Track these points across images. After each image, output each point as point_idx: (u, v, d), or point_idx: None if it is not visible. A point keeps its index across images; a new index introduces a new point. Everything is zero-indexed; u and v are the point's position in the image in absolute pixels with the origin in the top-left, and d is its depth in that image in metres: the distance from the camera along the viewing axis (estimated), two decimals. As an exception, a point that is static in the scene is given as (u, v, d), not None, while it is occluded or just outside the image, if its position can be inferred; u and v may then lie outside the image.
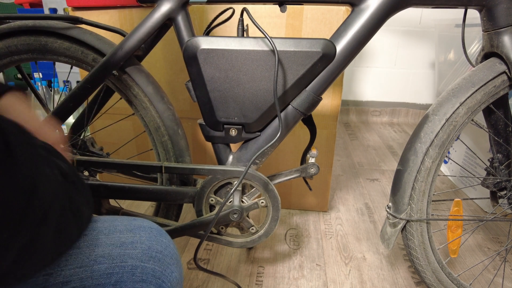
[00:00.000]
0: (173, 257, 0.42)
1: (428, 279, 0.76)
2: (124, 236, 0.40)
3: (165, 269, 0.39)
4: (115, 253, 0.38)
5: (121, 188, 0.75)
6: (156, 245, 0.40)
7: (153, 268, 0.38)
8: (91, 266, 0.36)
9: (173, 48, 1.08)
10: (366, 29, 0.65)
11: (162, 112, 0.75)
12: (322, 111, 1.10)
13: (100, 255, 0.37)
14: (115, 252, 0.38)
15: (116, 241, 0.39)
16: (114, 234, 0.39)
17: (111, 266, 0.37)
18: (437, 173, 0.71)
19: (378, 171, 1.59)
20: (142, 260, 0.38)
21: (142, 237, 0.40)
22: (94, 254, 0.37)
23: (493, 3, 0.64)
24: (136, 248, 0.39)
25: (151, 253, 0.39)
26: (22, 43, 0.75)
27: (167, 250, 0.41)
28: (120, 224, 0.41)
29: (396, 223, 0.73)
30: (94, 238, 0.38)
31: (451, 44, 1.70)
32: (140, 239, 0.40)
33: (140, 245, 0.39)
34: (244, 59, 0.65)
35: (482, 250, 1.06)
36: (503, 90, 0.67)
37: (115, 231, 0.40)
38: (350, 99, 2.38)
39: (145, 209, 1.23)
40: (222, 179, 0.72)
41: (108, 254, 0.37)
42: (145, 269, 0.38)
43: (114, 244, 0.38)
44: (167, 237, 0.43)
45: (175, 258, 0.42)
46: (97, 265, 0.37)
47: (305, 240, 1.09)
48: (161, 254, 0.40)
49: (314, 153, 0.76)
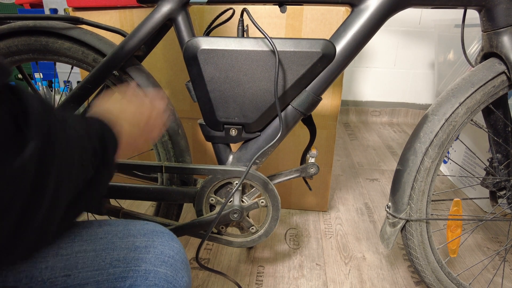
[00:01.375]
0: (183, 262, 0.43)
1: (427, 278, 0.76)
2: (138, 241, 0.41)
3: (177, 274, 0.40)
4: (129, 257, 0.39)
5: (121, 188, 0.75)
6: (168, 250, 0.41)
7: (165, 273, 0.39)
8: (107, 269, 0.37)
9: (174, 48, 1.08)
10: (366, 30, 0.65)
11: (162, 112, 0.76)
12: (322, 111, 1.10)
13: (115, 259, 0.38)
14: (129, 256, 0.39)
15: (130, 245, 0.40)
16: (129, 238, 0.41)
17: (126, 270, 0.38)
18: (437, 173, 0.71)
19: (378, 171, 1.59)
20: (155, 265, 0.39)
21: (155, 242, 0.41)
22: (110, 257, 0.38)
23: (492, 3, 0.64)
24: (149, 252, 0.40)
25: (163, 258, 0.40)
26: (23, 43, 0.75)
27: (178, 255, 0.42)
28: (134, 229, 0.42)
29: (396, 222, 0.74)
30: (109, 241, 0.39)
31: (451, 44, 1.71)
32: (153, 244, 0.41)
33: (153, 250, 0.40)
34: (244, 60, 0.65)
35: (481, 250, 1.06)
36: (503, 90, 0.68)
37: (129, 235, 0.41)
38: (349, 99, 2.39)
39: (145, 209, 1.23)
40: (222, 179, 0.72)
41: (123, 258, 0.38)
42: (158, 274, 0.39)
43: (128, 248, 0.39)
44: (178, 242, 0.44)
45: (185, 263, 0.43)
46: (113, 269, 0.38)
47: (305, 239, 1.09)
48: (173, 259, 0.41)
49: (314, 153, 0.77)
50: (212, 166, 0.72)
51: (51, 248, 0.36)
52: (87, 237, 0.39)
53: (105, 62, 0.71)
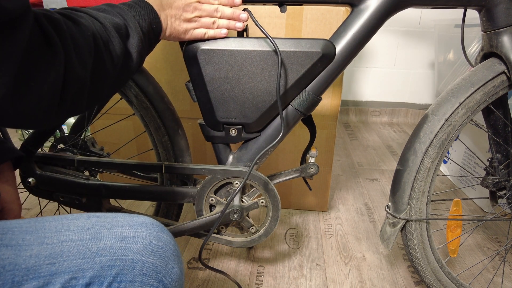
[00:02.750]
0: (174, 253, 0.42)
1: (427, 278, 0.76)
2: (126, 231, 0.40)
3: (166, 265, 0.40)
4: (116, 246, 0.38)
5: (121, 188, 0.75)
6: (157, 240, 0.41)
7: (153, 263, 0.39)
8: (93, 258, 0.37)
9: (173, 48, 1.08)
10: (366, 30, 0.65)
11: (162, 112, 0.76)
12: (322, 111, 1.10)
13: (102, 248, 0.38)
14: (116, 245, 0.39)
15: (118, 235, 0.39)
16: (116, 228, 0.40)
17: (112, 259, 0.38)
18: (437, 173, 0.71)
19: (378, 171, 1.59)
20: (143, 255, 0.39)
21: (144, 232, 0.41)
22: (96, 246, 0.38)
23: (492, 3, 0.64)
24: (137, 242, 0.40)
25: (152, 248, 0.40)
26: (23, 43, 0.75)
27: (168, 246, 0.42)
28: (122, 220, 0.42)
29: (396, 222, 0.74)
30: (96, 231, 0.39)
31: (451, 44, 1.71)
32: (142, 234, 0.40)
33: (141, 240, 0.40)
34: (244, 60, 0.65)
35: (481, 250, 1.06)
36: (502, 90, 0.68)
37: (117, 226, 0.41)
38: (349, 99, 2.39)
39: (145, 209, 1.23)
40: (222, 179, 0.72)
41: (109, 247, 0.38)
42: (146, 264, 0.39)
43: (116, 238, 0.39)
44: (168, 234, 0.44)
45: (176, 254, 0.43)
46: (99, 257, 0.37)
47: (305, 239, 1.09)
48: (162, 250, 0.41)
49: (314, 153, 0.77)
50: (212, 166, 0.72)
51: (36, 237, 0.36)
52: (74, 227, 0.39)
53: (105, 62, 0.71)
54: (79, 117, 0.86)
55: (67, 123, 1.63)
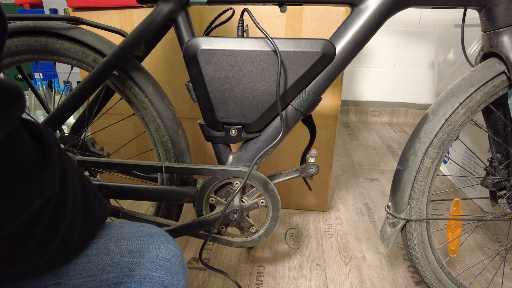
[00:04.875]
0: (180, 264, 0.41)
1: (427, 278, 0.76)
2: (132, 244, 0.39)
3: (173, 278, 0.39)
4: (123, 262, 0.38)
5: (121, 188, 0.75)
6: (164, 253, 0.40)
7: (161, 277, 0.38)
8: (99, 275, 0.36)
9: (173, 48, 1.08)
10: (366, 30, 0.65)
11: (162, 112, 0.76)
12: (322, 111, 1.10)
13: (108, 264, 0.37)
14: (123, 261, 0.38)
15: (124, 249, 0.39)
16: (122, 241, 0.39)
17: (119, 275, 0.37)
18: (437, 173, 0.71)
19: (378, 171, 1.59)
20: (150, 269, 0.38)
21: (150, 245, 0.40)
22: (102, 263, 0.37)
23: (492, 3, 0.64)
24: (144, 256, 0.39)
25: (159, 261, 0.39)
26: (23, 44, 0.75)
27: (175, 258, 0.41)
28: (128, 231, 0.41)
29: (396, 222, 0.74)
30: (102, 246, 0.38)
31: (451, 44, 1.71)
32: (148, 247, 0.40)
33: (148, 254, 0.39)
34: (244, 60, 0.65)
35: (481, 250, 1.06)
36: (502, 90, 0.68)
37: (123, 239, 0.40)
38: (349, 99, 2.39)
39: (145, 209, 1.23)
40: (223, 179, 0.72)
41: (116, 263, 0.37)
42: (153, 278, 0.38)
43: (122, 252, 0.38)
44: (174, 244, 0.43)
45: (182, 265, 0.42)
46: (106, 275, 0.36)
47: (305, 239, 1.09)
48: (168, 262, 0.40)
49: (314, 153, 0.77)
50: (212, 166, 0.72)
51: None
52: None
53: (105, 62, 0.71)
54: (79, 117, 0.86)
55: (67, 123, 1.63)
